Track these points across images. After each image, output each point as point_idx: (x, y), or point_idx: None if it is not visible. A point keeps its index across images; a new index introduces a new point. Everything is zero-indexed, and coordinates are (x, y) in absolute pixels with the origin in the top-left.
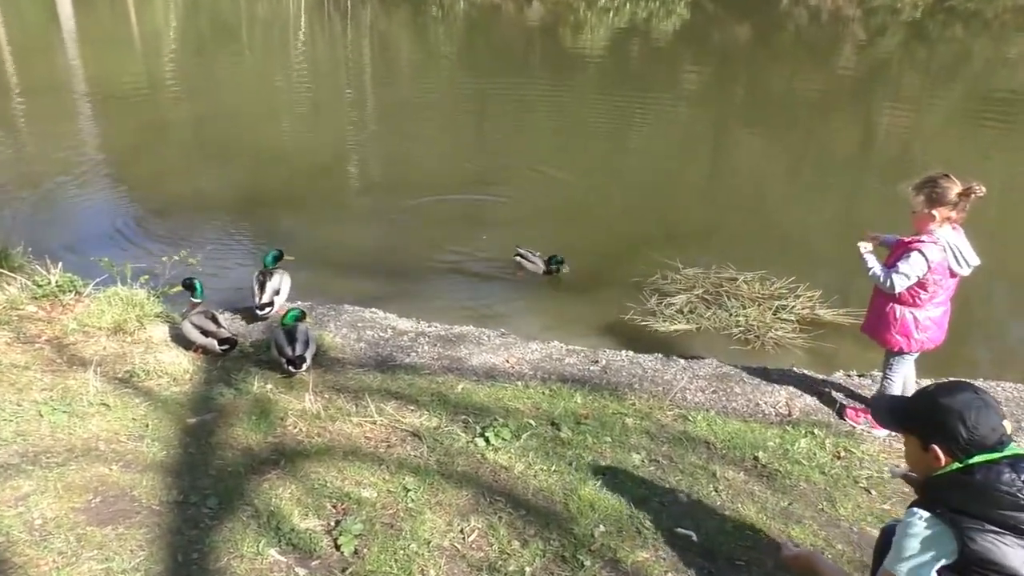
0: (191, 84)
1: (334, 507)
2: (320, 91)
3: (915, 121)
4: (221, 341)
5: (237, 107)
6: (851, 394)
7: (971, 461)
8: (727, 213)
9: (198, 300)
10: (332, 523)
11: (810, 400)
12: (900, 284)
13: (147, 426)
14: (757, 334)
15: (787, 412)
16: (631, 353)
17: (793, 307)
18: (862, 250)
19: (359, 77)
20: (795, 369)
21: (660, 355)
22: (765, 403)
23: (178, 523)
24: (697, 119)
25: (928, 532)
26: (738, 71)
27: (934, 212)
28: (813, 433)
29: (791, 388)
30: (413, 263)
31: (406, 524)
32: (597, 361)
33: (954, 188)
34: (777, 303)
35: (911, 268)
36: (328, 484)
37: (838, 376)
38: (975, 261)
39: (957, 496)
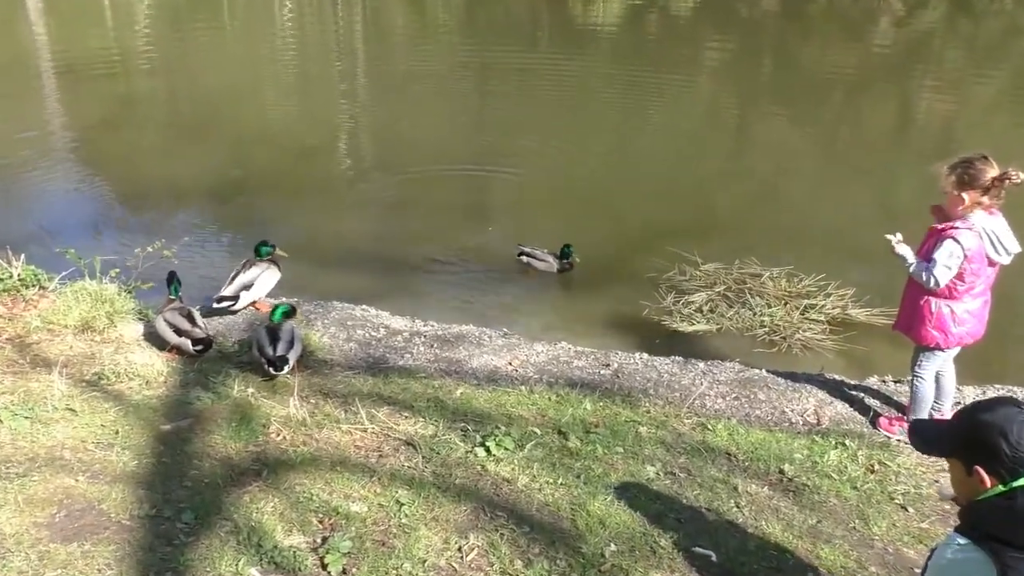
0: (166, 59)
1: (321, 523)
2: (308, 66)
3: (959, 103)
4: (195, 341)
5: (217, 84)
6: (886, 401)
7: (1015, 484)
8: (751, 202)
9: (174, 296)
10: (318, 540)
11: (841, 408)
12: (943, 277)
13: (117, 433)
14: (783, 335)
15: (816, 421)
16: (646, 355)
17: (823, 306)
18: (893, 242)
19: (350, 50)
20: (825, 374)
21: (677, 358)
22: (792, 411)
23: (150, 539)
24: (719, 99)
25: (966, 560)
26: (764, 47)
27: (963, 195)
28: (844, 444)
29: (820, 394)
30: (408, 256)
31: (399, 541)
32: (608, 364)
33: (989, 171)
34: (805, 302)
35: (948, 258)
36: (314, 497)
37: (872, 381)
38: (1015, 248)
39: (997, 522)
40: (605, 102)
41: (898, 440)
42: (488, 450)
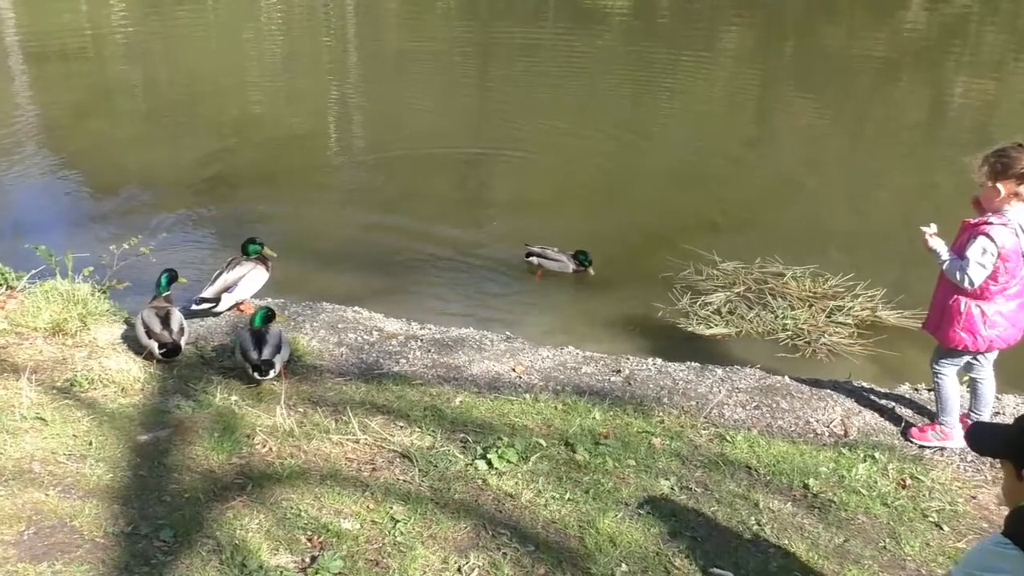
0: (144, 41)
1: (309, 541)
2: (295, 48)
3: (997, 90)
4: (162, 345)
5: (198, 69)
6: (919, 411)
7: None
8: (773, 196)
9: (158, 293)
10: (307, 559)
11: (870, 418)
12: (977, 276)
13: (90, 444)
14: (808, 340)
15: (843, 432)
16: (659, 361)
17: (851, 308)
18: (927, 234)
19: (340, 30)
20: (852, 381)
21: (693, 364)
22: (817, 421)
23: (126, 558)
24: (739, 85)
25: (1003, 554)
26: (787, 29)
27: (999, 186)
28: (874, 457)
29: (848, 403)
30: (403, 253)
31: (394, 561)
32: (619, 370)
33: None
34: (832, 303)
35: (981, 255)
36: (303, 513)
37: (904, 390)
38: None
39: None
40: (615, 84)
41: (933, 449)
42: (490, 463)
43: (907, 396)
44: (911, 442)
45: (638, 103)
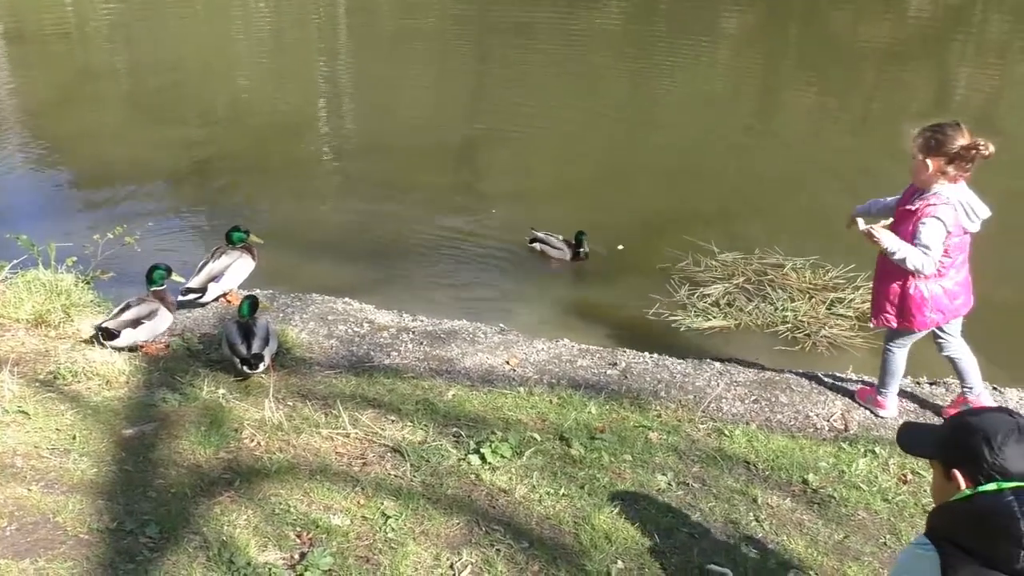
0: (128, 25)
1: (299, 537)
2: (285, 31)
3: (1003, 77)
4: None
5: (185, 55)
6: (922, 404)
7: (981, 489)
8: (773, 185)
9: (157, 287)
10: (296, 556)
11: (871, 413)
12: (934, 260)
13: (74, 438)
14: (808, 332)
15: (843, 426)
16: (656, 354)
17: (851, 300)
18: (875, 232)
19: (332, 12)
20: (853, 375)
21: (691, 357)
22: (817, 415)
23: (111, 555)
24: (740, 71)
25: (919, 557)
26: (790, 13)
27: (927, 161)
28: (874, 452)
29: (848, 397)
30: (395, 243)
31: (385, 558)
32: (615, 363)
33: (959, 139)
34: (832, 295)
35: (933, 238)
36: (292, 509)
37: (905, 383)
38: (985, 213)
39: (952, 525)
40: (615, 68)
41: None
42: (483, 458)
43: (909, 389)
44: (857, 403)
45: (637, 90)
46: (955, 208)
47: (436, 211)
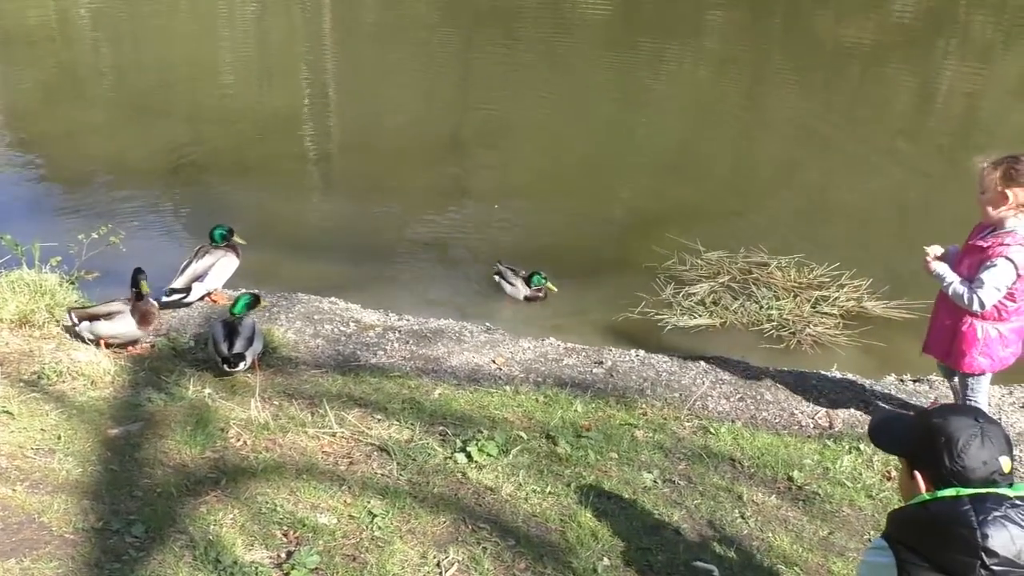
0: (113, 24)
1: (285, 536)
2: (270, 29)
3: (985, 79)
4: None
5: (169, 54)
6: (905, 404)
7: (940, 494)
8: (757, 184)
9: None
10: (283, 555)
11: (855, 409)
12: (990, 299)
13: (59, 438)
14: (793, 330)
15: (828, 424)
16: (642, 353)
17: (836, 298)
18: (929, 259)
19: (317, 15)
20: (838, 372)
21: (677, 355)
22: (802, 413)
23: (96, 554)
24: (723, 71)
25: (875, 563)
26: (774, 13)
27: (1008, 192)
28: (858, 449)
29: (832, 395)
30: (380, 243)
31: (372, 556)
32: (601, 362)
33: None
34: (817, 294)
35: (999, 279)
36: (278, 508)
37: (890, 381)
38: None
39: (908, 529)
40: (598, 75)
41: None
42: (469, 456)
43: (892, 389)
44: None
45: (622, 90)
46: None
47: (421, 211)
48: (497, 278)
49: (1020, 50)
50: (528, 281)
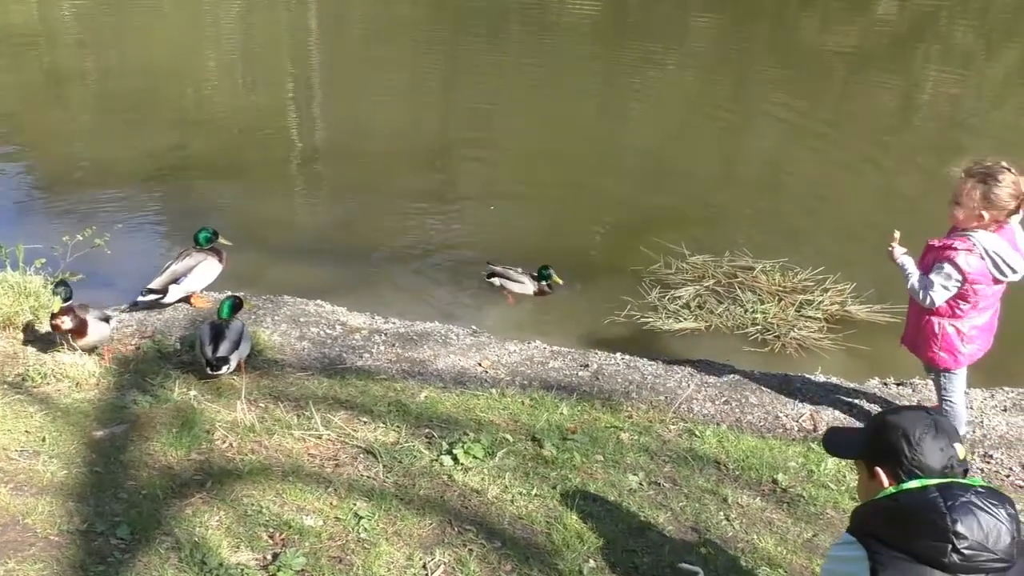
0: (97, 29)
1: (271, 538)
2: (255, 33)
3: (967, 85)
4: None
5: (155, 57)
6: (889, 405)
7: (905, 486)
8: (743, 189)
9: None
10: (269, 557)
11: (839, 412)
12: (939, 298)
13: (44, 440)
14: (777, 334)
15: (812, 427)
16: (628, 356)
17: (820, 302)
18: (896, 252)
19: (303, 18)
20: (822, 376)
21: (662, 358)
22: (786, 416)
23: (81, 557)
24: (708, 78)
25: (844, 558)
26: (758, 20)
27: (984, 213)
28: None
29: (817, 398)
30: (367, 246)
31: (357, 558)
32: (587, 365)
33: (1017, 195)
34: (801, 297)
35: (945, 280)
36: (264, 510)
37: (873, 384)
38: (1022, 270)
39: (878, 522)
40: (583, 81)
41: None
42: (455, 458)
43: (876, 391)
44: None
45: (607, 95)
46: (981, 255)
47: (407, 215)
48: (497, 280)
49: (1001, 55)
50: (537, 276)
